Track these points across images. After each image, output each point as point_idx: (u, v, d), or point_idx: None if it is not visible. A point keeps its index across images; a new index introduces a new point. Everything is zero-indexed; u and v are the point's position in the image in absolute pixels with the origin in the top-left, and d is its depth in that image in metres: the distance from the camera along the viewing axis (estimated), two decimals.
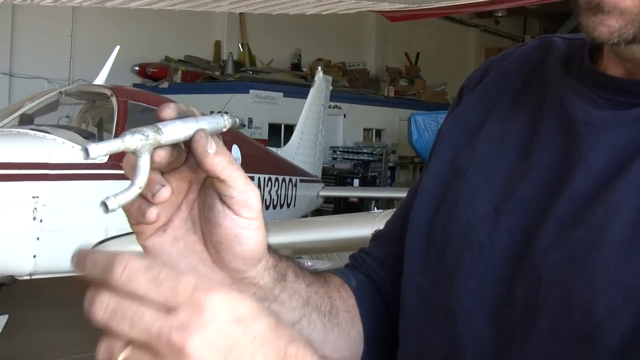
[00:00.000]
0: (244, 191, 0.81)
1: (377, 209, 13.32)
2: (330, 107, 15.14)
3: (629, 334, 0.84)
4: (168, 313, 0.63)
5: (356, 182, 17.10)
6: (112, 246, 7.36)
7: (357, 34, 22.46)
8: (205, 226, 0.87)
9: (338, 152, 18.95)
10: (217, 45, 19.55)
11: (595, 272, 0.87)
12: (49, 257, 6.99)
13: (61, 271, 7.37)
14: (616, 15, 0.89)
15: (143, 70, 17.39)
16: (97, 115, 8.60)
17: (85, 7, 13.82)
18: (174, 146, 0.79)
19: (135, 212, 0.81)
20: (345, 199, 15.37)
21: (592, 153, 0.95)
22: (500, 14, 24.32)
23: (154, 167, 0.78)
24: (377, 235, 1.31)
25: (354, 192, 15.65)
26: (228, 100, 15.42)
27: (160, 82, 17.09)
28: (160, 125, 0.76)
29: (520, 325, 0.92)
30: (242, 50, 19.53)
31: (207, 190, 0.85)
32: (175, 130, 0.77)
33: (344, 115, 19.50)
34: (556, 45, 1.13)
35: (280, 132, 17.36)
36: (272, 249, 0.93)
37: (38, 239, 6.92)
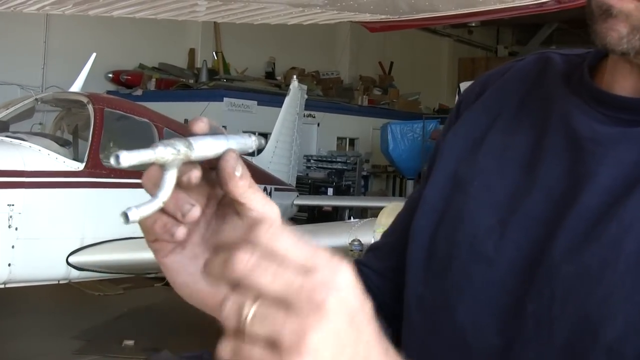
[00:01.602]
0: (263, 211, 0.80)
1: (351, 217, 13.34)
2: (304, 115, 15.13)
3: None
4: (307, 273, 0.66)
5: (330, 190, 17.09)
6: (87, 254, 7.33)
7: (331, 43, 22.45)
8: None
9: (312, 161, 18.92)
10: (191, 53, 19.48)
11: (610, 289, 0.88)
12: (24, 266, 6.94)
13: (36, 279, 7.33)
14: (623, 19, 0.92)
15: (117, 77, 17.27)
16: (73, 123, 8.55)
17: (60, 14, 13.74)
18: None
19: (160, 230, 0.80)
20: (319, 207, 15.36)
21: (601, 169, 0.96)
22: (473, 24, 24.40)
23: (182, 185, 0.76)
24: (373, 246, 1.32)
25: (328, 201, 15.64)
26: (204, 108, 15.38)
27: (134, 89, 16.98)
28: (192, 140, 0.74)
29: (534, 339, 0.93)
30: (216, 58, 19.47)
31: (226, 207, 0.84)
32: (206, 147, 0.75)
33: (318, 124, 19.47)
34: (554, 61, 1.15)
35: None
36: None
37: (13, 247, 6.87)
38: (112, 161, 0.70)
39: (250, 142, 0.82)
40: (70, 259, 7.25)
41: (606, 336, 0.87)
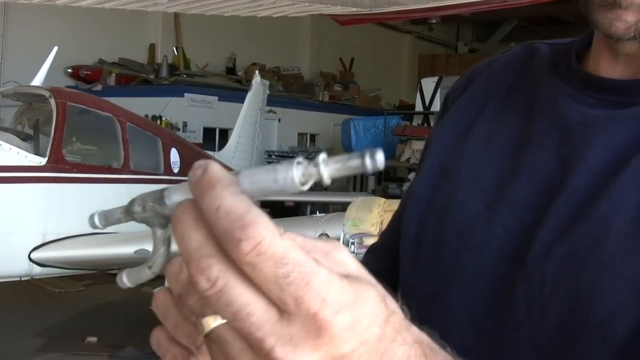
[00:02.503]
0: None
1: (312, 212, 13.39)
2: (265, 111, 15.12)
3: (638, 325, 0.86)
4: (282, 314, 0.54)
5: None
6: (50, 250, 7.24)
7: (291, 39, 22.44)
8: None
9: (274, 157, 18.90)
10: (152, 48, 19.35)
11: (600, 267, 0.89)
12: None
13: None
14: (633, 10, 0.92)
15: (76, 73, 17.10)
16: (34, 117, 8.45)
17: (19, 8, 13.57)
18: None
19: None
20: (282, 203, 15.35)
21: (590, 151, 0.97)
22: (434, 21, 24.54)
23: None
24: (372, 248, 1.33)
25: (290, 197, 15.63)
26: (165, 104, 15.30)
27: (94, 84, 16.83)
28: (166, 192, 0.60)
29: (526, 322, 0.94)
30: (176, 53, 19.36)
31: None
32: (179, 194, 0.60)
33: (279, 120, 19.47)
34: (540, 51, 1.16)
35: (214, 136, 17.25)
36: None
37: None
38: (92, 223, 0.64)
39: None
40: (33, 255, 7.15)
41: (597, 313, 0.88)
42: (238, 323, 0.53)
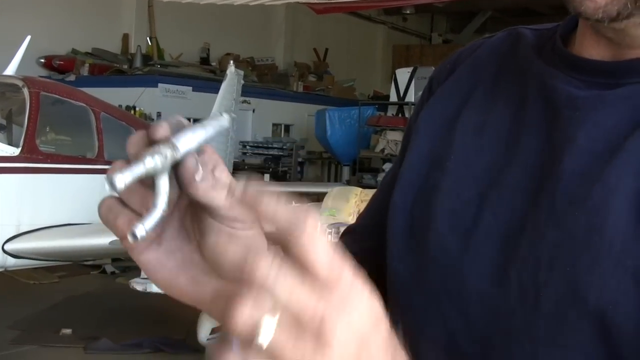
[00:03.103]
0: (230, 209, 0.77)
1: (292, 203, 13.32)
2: (239, 101, 15.08)
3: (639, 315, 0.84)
4: (322, 289, 0.63)
5: (267, 177, 17.06)
6: (24, 241, 7.18)
7: (266, 29, 22.40)
8: (200, 236, 0.81)
9: (248, 147, 18.88)
10: (125, 38, 19.24)
11: (598, 254, 0.87)
12: None
13: None
14: None
15: (49, 63, 16.96)
16: (7, 107, 8.36)
17: None
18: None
19: (124, 227, 0.75)
20: None
21: (580, 134, 0.95)
22: (408, 12, 24.55)
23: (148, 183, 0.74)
24: (348, 230, 1.32)
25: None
26: (139, 94, 15.22)
27: (67, 74, 16.70)
28: (174, 140, 0.73)
29: (520, 307, 0.92)
30: (150, 43, 19.26)
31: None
32: (188, 142, 0.73)
33: (253, 110, 19.45)
34: (525, 36, 1.14)
35: None
36: None
37: None
38: (107, 186, 0.69)
39: (225, 122, 0.80)
40: (7, 247, 7.09)
41: (597, 302, 0.86)
42: (294, 298, 0.62)
